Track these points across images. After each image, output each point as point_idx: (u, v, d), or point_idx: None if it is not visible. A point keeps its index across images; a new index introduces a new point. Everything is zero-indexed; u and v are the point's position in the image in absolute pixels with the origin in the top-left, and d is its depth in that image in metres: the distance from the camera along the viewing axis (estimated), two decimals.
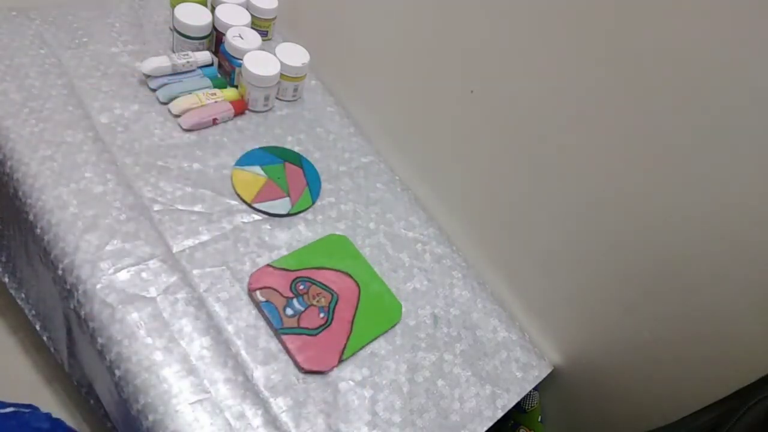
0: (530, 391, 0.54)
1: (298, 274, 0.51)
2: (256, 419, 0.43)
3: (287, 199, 0.56)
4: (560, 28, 0.44)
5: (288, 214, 0.56)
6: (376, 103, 0.68)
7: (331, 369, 0.47)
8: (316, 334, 0.48)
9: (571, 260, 0.52)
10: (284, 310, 0.48)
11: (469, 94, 0.54)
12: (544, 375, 0.55)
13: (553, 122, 0.48)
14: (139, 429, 0.42)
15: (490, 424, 0.49)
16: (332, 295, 0.51)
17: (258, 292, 0.48)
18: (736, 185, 0.39)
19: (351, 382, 0.47)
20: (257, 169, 0.57)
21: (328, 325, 0.49)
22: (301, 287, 0.50)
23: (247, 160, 0.58)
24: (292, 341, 0.47)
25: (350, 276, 0.53)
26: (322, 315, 0.49)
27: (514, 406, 0.52)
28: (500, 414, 0.50)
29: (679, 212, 0.42)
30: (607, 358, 0.53)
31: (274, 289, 0.49)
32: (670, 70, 0.39)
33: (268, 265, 0.51)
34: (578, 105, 0.46)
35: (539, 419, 0.60)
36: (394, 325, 0.52)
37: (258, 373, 0.45)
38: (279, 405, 0.44)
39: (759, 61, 0.35)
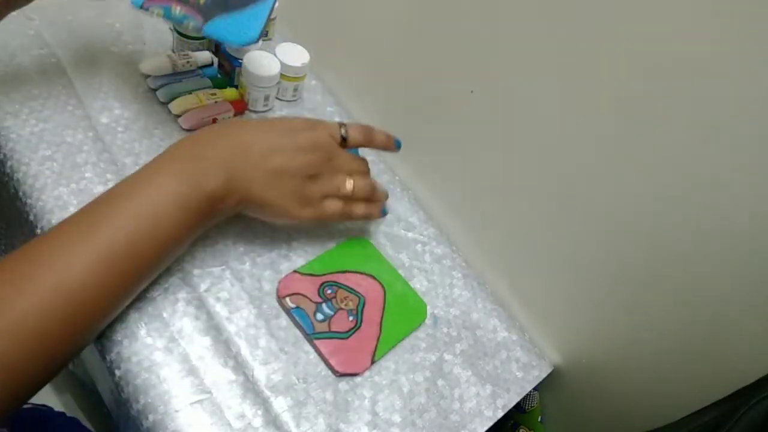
0: (530, 391, 0.54)
1: (325, 278, 0.51)
2: (256, 419, 0.43)
3: None
4: (560, 27, 0.44)
5: None
6: (376, 103, 0.68)
7: (364, 371, 0.48)
8: (347, 337, 0.48)
9: (571, 260, 0.52)
10: (315, 315, 0.49)
11: (469, 94, 0.54)
12: (544, 375, 0.55)
13: (552, 122, 0.48)
14: (139, 429, 0.42)
15: (490, 424, 0.49)
16: (359, 297, 0.51)
17: (288, 299, 0.49)
18: (737, 184, 0.39)
19: (351, 382, 0.47)
20: None
21: (358, 327, 0.49)
22: (329, 291, 0.51)
23: None
24: (324, 345, 0.47)
25: (374, 278, 0.53)
26: (351, 318, 0.50)
27: (514, 406, 0.52)
28: (500, 414, 0.50)
29: (680, 212, 0.42)
30: (607, 358, 0.53)
31: (303, 295, 0.49)
32: (670, 68, 0.39)
33: (295, 272, 0.51)
34: (578, 104, 0.46)
35: (539, 419, 0.60)
36: (421, 324, 0.53)
37: (258, 373, 0.45)
38: (280, 405, 0.44)
39: (759, 59, 0.35)
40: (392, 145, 0.52)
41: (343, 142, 0.49)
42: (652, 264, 0.46)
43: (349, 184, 0.48)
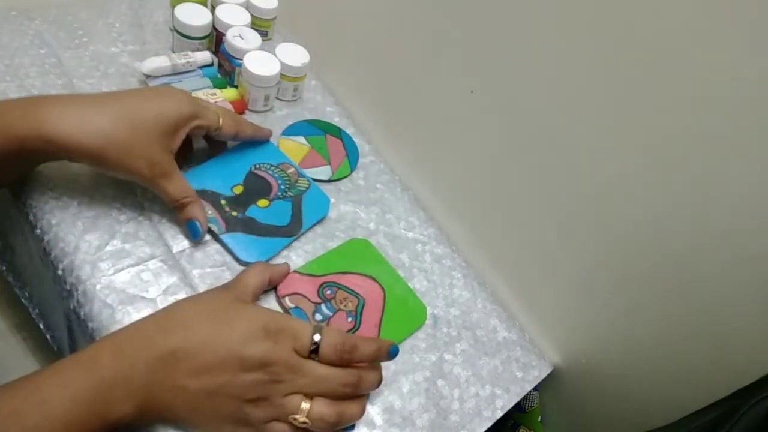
0: (530, 391, 0.54)
1: (324, 279, 0.51)
2: None
3: (328, 167, 0.61)
4: (561, 27, 0.44)
5: (329, 180, 0.60)
6: (376, 103, 0.68)
7: None
8: None
9: (571, 260, 0.52)
10: (314, 315, 0.49)
11: (469, 95, 0.54)
12: (544, 375, 0.55)
13: (552, 122, 0.48)
14: None
15: (490, 424, 0.49)
16: (358, 299, 0.51)
17: (287, 299, 0.49)
18: (737, 184, 0.39)
19: None
20: (301, 139, 0.63)
21: (356, 328, 0.49)
22: (328, 292, 0.51)
23: (292, 130, 0.63)
24: None
25: (374, 280, 0.53)
26: (350, 319, 0.50)
27: (514, 406, 0.52)
28: (500, 414, 0.50)
29: (680, 212, 0.42)
30: (607, 358, 0.53)
31: (303, 295, 0.49)
32: (670, 66, 0.39)
33: (294, 272, 0.51)
34: (578, 104, 0.46)
35: (539, 419, 0.60)
36: (420, 326, 0.53)
37: None
38: None
39: (759, 57, 0.35)
40: (384, 357, 0.42)
41: (315, 353, 0.39)
42: (652, 264, 0.46)
43: (300, 416, 0.38)
